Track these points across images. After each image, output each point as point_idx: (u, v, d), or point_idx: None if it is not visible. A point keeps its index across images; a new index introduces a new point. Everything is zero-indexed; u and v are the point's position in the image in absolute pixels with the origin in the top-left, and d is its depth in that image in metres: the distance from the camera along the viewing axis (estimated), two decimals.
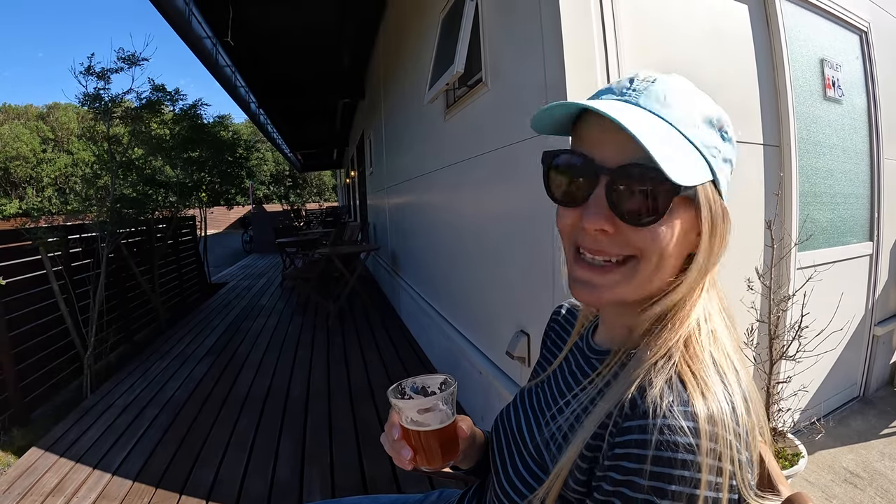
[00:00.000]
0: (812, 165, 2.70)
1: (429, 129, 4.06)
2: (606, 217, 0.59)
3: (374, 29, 6.60)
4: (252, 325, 6.21)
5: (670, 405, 0.53)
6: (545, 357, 0.94)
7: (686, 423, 0.51)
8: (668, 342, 0.60)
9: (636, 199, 0.58)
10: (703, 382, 0.55)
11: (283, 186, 42.04)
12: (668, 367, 0.57)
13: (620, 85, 0.63)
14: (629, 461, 0.52)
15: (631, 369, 0.60)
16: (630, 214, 0.58)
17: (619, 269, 0.62)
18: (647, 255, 0.60)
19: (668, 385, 0.55)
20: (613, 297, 0.63)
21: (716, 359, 0.59)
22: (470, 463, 0.91)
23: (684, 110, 0.60)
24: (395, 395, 0.78)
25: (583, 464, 0.59)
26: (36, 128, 35.94)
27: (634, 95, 0.60)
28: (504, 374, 2.67)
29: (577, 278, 0.65)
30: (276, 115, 10.92)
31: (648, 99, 0.60)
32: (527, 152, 2.24)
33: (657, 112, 0.59)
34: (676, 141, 0.58)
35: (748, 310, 2.20)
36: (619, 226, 0.60)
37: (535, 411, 0.78)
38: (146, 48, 7.26)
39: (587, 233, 0.61)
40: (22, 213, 5.42)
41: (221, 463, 2.87)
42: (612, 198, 0.59)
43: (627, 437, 0.53)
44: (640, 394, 0.56)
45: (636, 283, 0.62)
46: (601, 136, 0.60)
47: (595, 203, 0.60)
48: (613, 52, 1.96)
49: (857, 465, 2.54)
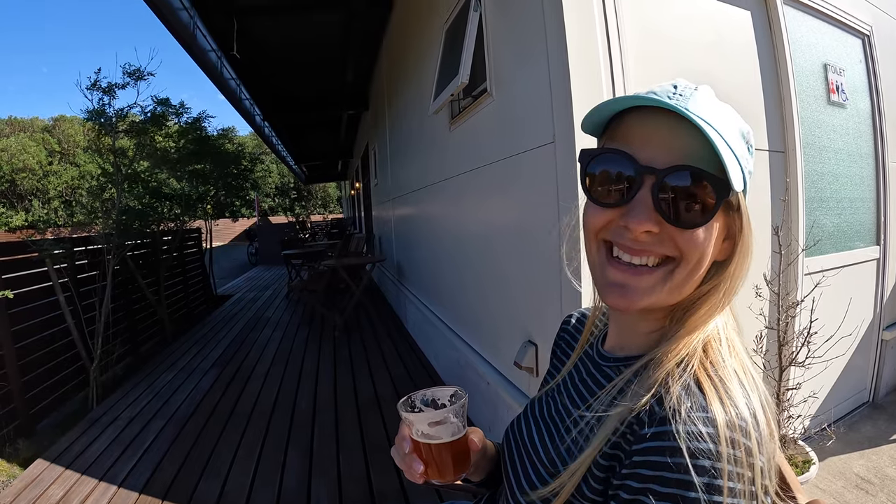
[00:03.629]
0: (817, 170, 2.70)
1: (434, 140, 4.07)
2: (652, 218, 0.59)
3: (378, 40, 6.65)
4: (258, 336, 6.21)
5: (689, 411, 0.52)
6: (555, 367, 0.93)
7: (706, 429, 0.51)
8: (686, 348, 0.59)
9: (685, 201, 0.58)
10: (721, 388, 0.55)
11: (289, 198, 42.27)
12: (685, 373, 0.57)
13: (664, 90, 0.62)
14: (648, 469, 0.52)
15: (647, 376, 0.59)
16: (677, 216, 0.58)
17: (656, 273, 0.62)
18: (687, 257, 0.60)
19: (685, 391, 0.55)
20: (647, 302, 0.62)
21: (734, 365, 0.59)
22: (481, 475, 0.90)
23: (725, 120, 0.60)
24: (405, 408, 0.78)
25: (598, 472, 0.59)
26: (42, 140, 36.19)
27: (682, 100, 0.60)
28: (512, 385, 2.65)
29: (610, 281, 0.64)
30: (280, 127, 10.99)
31: (696, 105, 0.59)
32: (533, 162, 2.24)
33: (705, 118, 0.58)
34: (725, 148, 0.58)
35: (757, 317, 2.19)
36: (664, 227, 0.59)
37: (546, 422, 0.77)
38: (151, 62, 7.31)
39: (631, 232, 0.61)
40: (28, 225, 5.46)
41: (228, 475, 2.85)
42: (659, 199, 0.58)
43: (645, 445, 0.53)
44: (658, 400, 0.55)
45: (670, 287, 0.61)
46: (647, 135, 0.60)
47: (641, 203, 0.59)
48: (618, 61, 1.97)
49: (867, 471, 2.51)
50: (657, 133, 0.59)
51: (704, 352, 0.60)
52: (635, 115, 0.61)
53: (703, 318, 0.62)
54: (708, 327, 0.61)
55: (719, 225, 0.61)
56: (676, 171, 0.57)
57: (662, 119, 0.59)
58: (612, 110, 0.64)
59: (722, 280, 0.63)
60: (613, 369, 0.70)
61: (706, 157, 0.57)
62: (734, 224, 0.62)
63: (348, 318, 6.21)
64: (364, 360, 4.95)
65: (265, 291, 9.99)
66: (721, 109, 0.61)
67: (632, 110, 0.62)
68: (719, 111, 0.61)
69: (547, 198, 2.10)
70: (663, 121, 0.59)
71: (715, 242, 0.61)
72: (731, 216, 0.62)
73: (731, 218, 0.62)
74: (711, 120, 0.58)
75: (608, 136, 0.66)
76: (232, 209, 9.30)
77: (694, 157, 0.56)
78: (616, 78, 1.95)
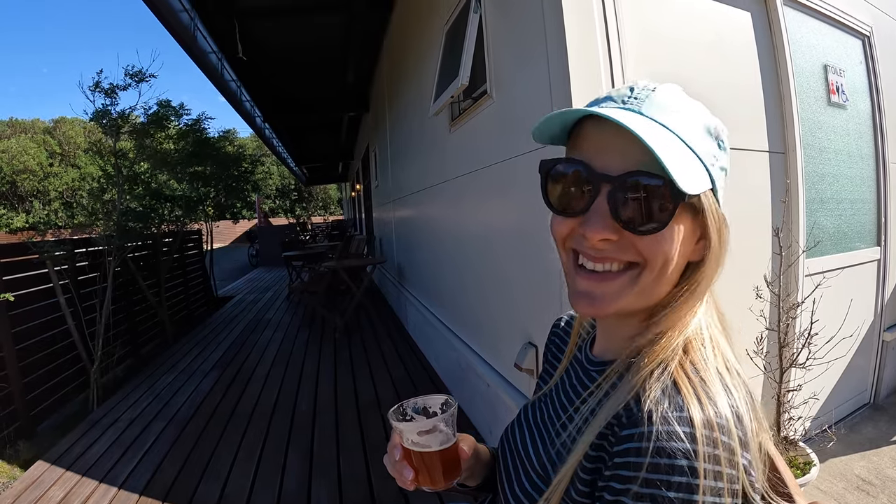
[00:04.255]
0: (818, 171, 2.70)
1: (434, 142, 4.07)
2: (609, 226, 0.58)
3: (378, 42, 6.66)
4: (259, 338, 6.21)
5: (665, 412, 0.52)
6: (547, 371, 0.93)
7: (682, 429, 0.51)
8: (666, 350, 0.59)
9: (640, 206, 0.57)
10: (700, 388, 0.55)
11: (289, 200, 42.28)
12: (664, 374, 0.57)
13: (620, 93, 0.62)
14: (627, 470, 0.52)
15: (628, 379, 0.60)
16: (633, 222, 0.58)
17: (621, 278, 0.61)
18: (651, 262, 0.59)
19: (663, 392, 0.55)
20: (616, 307, 0.62)
21: (717, 364, 0.59)
22: (477, 480, 0.91)
23: (685, 119, 0.60)
24: (395, 416, 0.78)
25: (585, 475, 0.59)
26: (43, 141, 36.26)
27: (636, 104, 0.60)
28: (512, 387, 2.65)
29: (577, 290, 0.64)
30: (281, 128, 11.00)
31: (651, 107, 0.59)
32: (532, 164, 2.24)
33: (659, 120, 0.58)
34: (679, 149, 0.57)
35: (757, 318, 2.19)
36: (623, 234, 0.59)
37: (538, 427, 0.78)
38: (152, 64, 7.32)
39: (588, 241, 0.60)
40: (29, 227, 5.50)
41: (228, 477, 2.86)
42: (615, 206, 0.58)
43: (624, 446, 0.53)
44: (636, 402, 0.55)
45: (638, 291, 0.61)
46: (602, 143, 0.60)
47: (597, 212, 0.59)
48: (618, 63, 1.96)
49: (868, 473, 2.51)
50: (613, 140, 0.58)
51: (686, 352, 0.60)
52: (592, 122, 0.61)
53: (682, 319, 0.62)
54: (688, 329, 0.61)
55: (685, 227, 0.60)
56: (629, 177, 0.57)
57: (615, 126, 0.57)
58: (565, 120, 0.64)
59: (697, 280, 0.63)
60: (601, 373, 0.70)
61: None
62: (706, 223, 0.61)
63: (349, 320, 6.21)
64: (364, 361, 4.95)
65: (266, 293, 10.00)
66: (682, 107, 0.60)
67: (590, 117, 0.62)
68: (679, 110, 0.60)
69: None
70: (616, 128, 0.57)
71: (684, 243, 0.60)
72: (701, 216, 0.60)
73: (702, 218, 0.60)
74: (666, 121, 0.58)
75: (571, 144, 0.66)
76: (232, 211, 9.30)
77: (649, 162, 0.55)
78: (616, 79, 1.95)
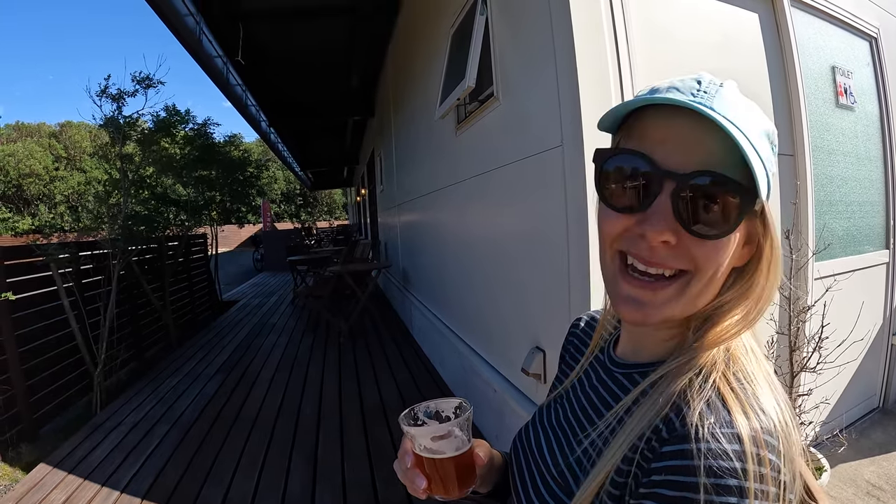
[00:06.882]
0: (827, 174, 2.68)
1: (440, 146, 4.06)
2: (671, 227, 0.55)
3: (383, 45, 6.67)
4: (263, 342, 6.20)
5: (712, 427, 0.49)
6: (563, 372, 0.90)
7: (731, 447, 0.48)
8: (706, 358, 0.56)
9: (706, 210, 0.54)
10: (746, 400, 0.52)
11: (294, 205, 42.38)
12: (706, 384, 0.53)
13: (687, 85, 0.57)
14: (669, 489, 0.48)
15: (664, 386, 0.56)
16: (698, 226, 0.54)
17: (671, 285, 0.58)
18: (703, 270, 0.56)
19: (707, 405, 0.51)
20: (663, 316, 0.59)
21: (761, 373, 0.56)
22: (488, 487, 0.87)
23: (750, 120, 0.56)
24: (407, 421, 0.75)
25: (613, 489, 0.56)
26: (48, 145, 36.48)
27: (707, 98, 0.55)
28: (519, 392, 2.63)
29: (622, 294, 0.60)
30: (286, 133, 11.04)
31: (721, 103, 0.54)
32: (539, 167, 2.23)
33: (731, 119, 0.54)
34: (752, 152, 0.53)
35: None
36: (683, 237, 0.55)
37: (555, 430, 0.74)
38: (159, 69, 7.36)
39: (647, 242, 0.57)
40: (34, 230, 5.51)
41: (232, 482, 2.84)
42: (679, 206, 0.54)
43: (667, 463, 0.50)
44: (678, 414, 0.52)
45: (686, 299, 0.58)
46: (666, 135, 0.56)
47: (658, 211, 0.55)
48: (626, 65, 1.95)
49: (878, 478, 2.48)
50: (678, 134, 0.55)
51: (728, 361, 0.56)
52: (654, 112, 0.57)
53: (730, 331, 0.58)
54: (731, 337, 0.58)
55: (741, 233, 0.57)
56: (699, 177, 0.53)
57: (684, 118, 0.54)
58: (629, 108, 0.59)
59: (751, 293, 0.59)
60: (626, 376, 0.67)
61: (730, 162, 0.53)
62: (755, 229, 0.58)
63: (353, 325, 6.19)
64: (369, 366, 4.93)
65: (270, 297, 10.00)
66: (746, 108, 0.56)
67: (650, 107, 0.58)
68: (744, 110, 0.56)
69: (555, 202, 2.08)
70: (685, 120, 0.54)
71: (736, 251, 0.57)
72: (752, 221, 0.57)
73: (753, 223, 0.58)
74: (736, 120, 0.54)
75: (624, 133, 0.62)
76: (238, 215, 9.34)
77: (717, 161, 0.52)
78: (624, 79, 1.94)
